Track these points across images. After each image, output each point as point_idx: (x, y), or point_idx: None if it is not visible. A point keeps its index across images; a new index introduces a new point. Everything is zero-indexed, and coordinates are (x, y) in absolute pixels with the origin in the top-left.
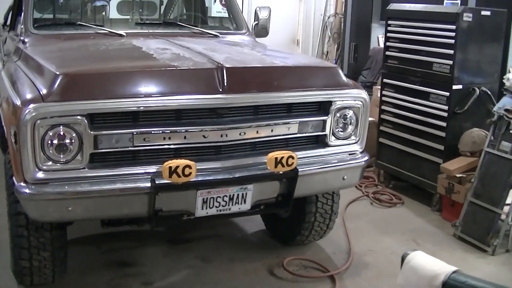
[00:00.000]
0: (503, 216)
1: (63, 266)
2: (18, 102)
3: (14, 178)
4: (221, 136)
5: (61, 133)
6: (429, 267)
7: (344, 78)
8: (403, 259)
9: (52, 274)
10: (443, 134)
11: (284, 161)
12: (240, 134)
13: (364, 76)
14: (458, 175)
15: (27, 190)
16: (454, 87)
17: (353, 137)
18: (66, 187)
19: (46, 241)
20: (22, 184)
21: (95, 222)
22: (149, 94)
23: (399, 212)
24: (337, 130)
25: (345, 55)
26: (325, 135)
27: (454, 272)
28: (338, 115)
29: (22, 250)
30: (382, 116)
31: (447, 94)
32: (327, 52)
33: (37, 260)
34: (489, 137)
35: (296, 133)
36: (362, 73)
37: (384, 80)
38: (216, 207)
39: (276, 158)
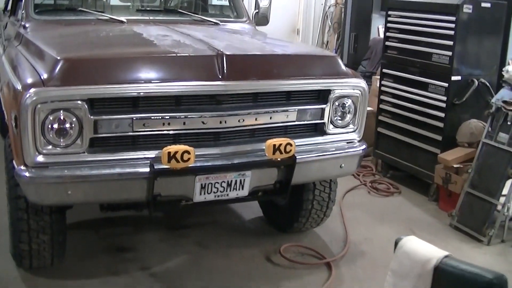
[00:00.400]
0: (499, 207)
1: (62, 249)
2: (19, 87)
3: (14, 161)
4: (220, 122)
5: (61, 118)
6: (422, 251)
7: (343, 67)
8: (396, 243)
9: (51, 257)
10: (441, 124)
11: (282, 148)
12: (239, 121)
13: (363, 66)
14: (455, 166)
15: (27, 174)
16: (453, 78)
17: (351, 126)
18: (66, 171)
19: (46, 224)
20: (22, 167)
21: (94, 207)
22: (149, 80)
23: (396, 201)
24: (335, 118)
25: (345, 45)
26: (324, 123)
27: (446, 256)
28: (336, 103)
29: (21, 233)
30: (381, 106)
31: (446, 85)
32: (327, 42)
33: (36, 243)
34: (487, 128)
35: (294, 121)
36: (361, 63)
37: (383, 70)
38: (214, 192)
39: (274, 145)
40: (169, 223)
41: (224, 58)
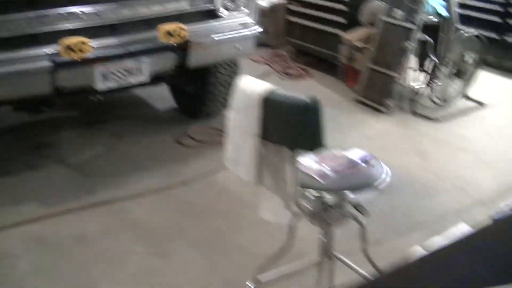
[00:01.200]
0: (398, 80)
1: None
2: None
3: None
4: (114, 14)
5: None
6: (254, 86)
7: None
8: (235, 84)
9: None
10: (344, 8)
11: (175, 32)
12: (132, 11)
13: None
14: (358, 45)
15: None
16: None
17: (244, 9)
18: None
19: None
20: None
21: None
22: None
23: (306, 84)
24: (227, 2)
25: None
26: (216, 8)
27: (273, 89)
28: None
29: None
30: None
31: None
32: None
33: None
34: (385, 6)
35: (187, 8)
36: None
37: None
38: (115, 80)
39: (166, 30)
40: (86, 121)
41: None
